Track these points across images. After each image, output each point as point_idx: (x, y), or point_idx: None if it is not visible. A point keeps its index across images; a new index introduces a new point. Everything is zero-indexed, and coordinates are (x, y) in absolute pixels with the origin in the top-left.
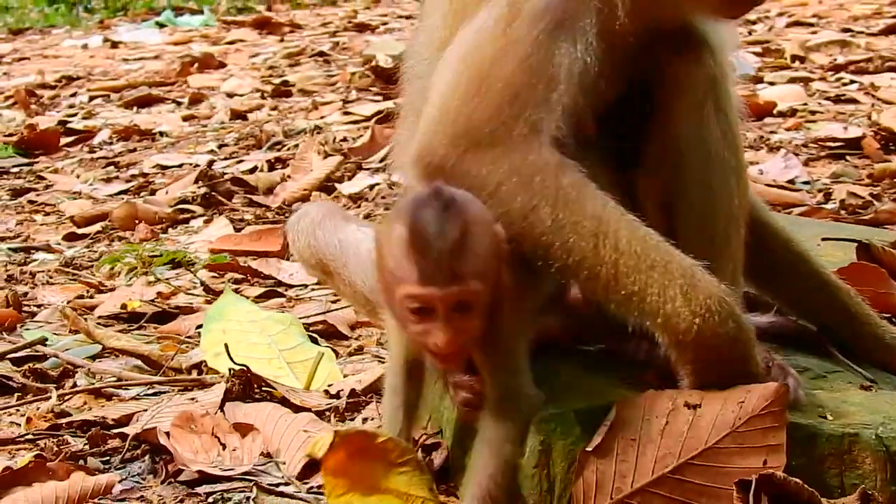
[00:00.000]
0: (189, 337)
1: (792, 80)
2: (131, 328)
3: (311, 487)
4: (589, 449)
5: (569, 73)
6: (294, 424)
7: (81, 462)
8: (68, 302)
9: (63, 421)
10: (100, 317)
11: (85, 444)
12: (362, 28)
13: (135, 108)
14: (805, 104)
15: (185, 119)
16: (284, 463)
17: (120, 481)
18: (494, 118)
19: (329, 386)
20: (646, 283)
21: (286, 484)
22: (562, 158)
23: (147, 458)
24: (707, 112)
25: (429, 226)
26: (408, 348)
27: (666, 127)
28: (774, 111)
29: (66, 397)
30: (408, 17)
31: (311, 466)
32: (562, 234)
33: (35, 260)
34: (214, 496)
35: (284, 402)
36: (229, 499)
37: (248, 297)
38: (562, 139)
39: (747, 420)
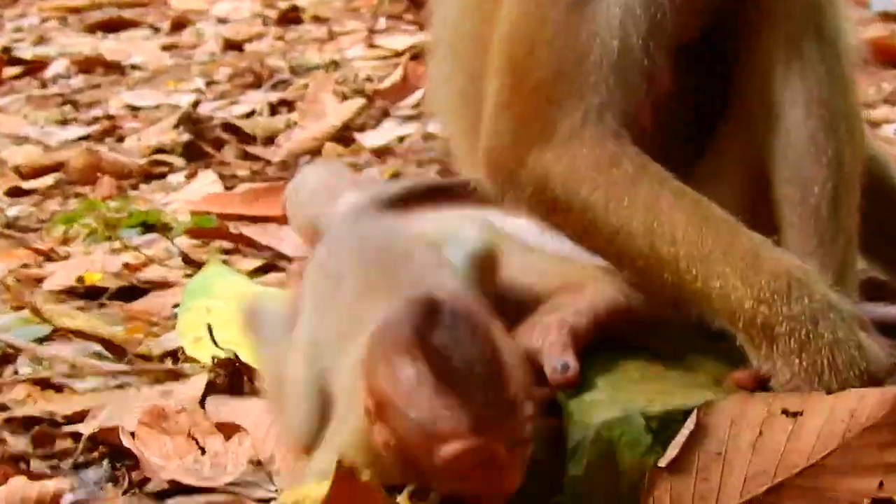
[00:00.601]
0: (163, 318)
1: None
2: (90, 306)
3: None
4: (662, 464)
5: (606, 45)
6: None
7: (23, 465)
8: (9, 272)
9: (0, 416)
10: (50, 291)
11: (27, 445)
12: None
13: (99, 34)
14: None
15: (164, 49)
16: (278, 473)
17: (71, 490)
18: (538, 114)
19: None
20: (707, 274)
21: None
22: (614, 148)
23: (106, 462)
24: (807, 44)
25: (457, 353)
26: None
27: (755, 69)
28: None
29: (5, 388)
30: None
31: None
32: (618, 239)
33: None
34: None
35: None
36: None
37: (240, 271)
38: (616, 122)
39: (860, 433)
